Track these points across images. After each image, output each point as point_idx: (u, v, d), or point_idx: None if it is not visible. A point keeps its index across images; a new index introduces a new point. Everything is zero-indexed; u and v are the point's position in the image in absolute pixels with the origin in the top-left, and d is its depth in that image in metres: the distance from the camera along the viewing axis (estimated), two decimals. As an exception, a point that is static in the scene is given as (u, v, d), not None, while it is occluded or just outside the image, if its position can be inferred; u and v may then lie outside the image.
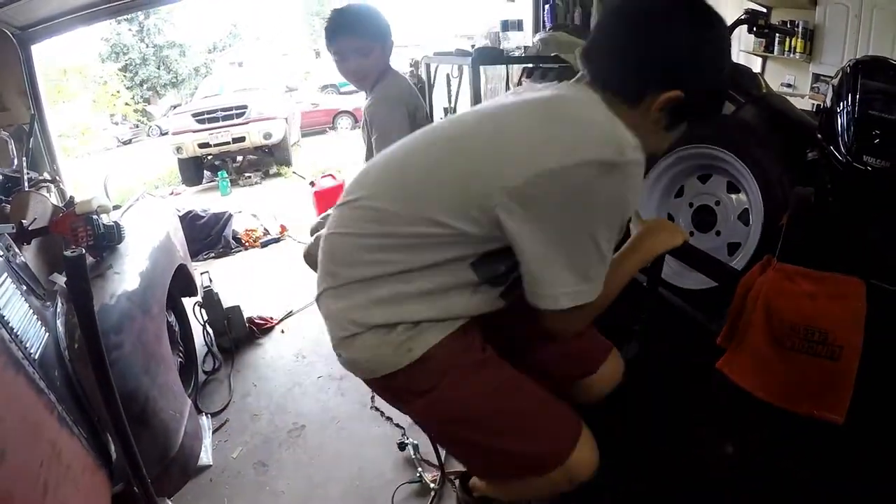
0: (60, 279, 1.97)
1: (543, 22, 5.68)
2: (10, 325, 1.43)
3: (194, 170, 8.74)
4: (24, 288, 1.68)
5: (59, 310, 1.83)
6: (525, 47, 2.31)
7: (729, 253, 1.50)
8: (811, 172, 1.42)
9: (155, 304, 2.25)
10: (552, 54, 2.00)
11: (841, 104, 1.42)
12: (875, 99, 1.36)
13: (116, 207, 2.74)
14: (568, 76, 1.95)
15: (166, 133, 18.32)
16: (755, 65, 5.01)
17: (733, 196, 1.54)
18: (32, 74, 4.84)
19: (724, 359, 0.98)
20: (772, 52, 4.80)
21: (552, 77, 1.98)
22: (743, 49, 4.87)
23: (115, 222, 2.20)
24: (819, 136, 1.46)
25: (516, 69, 2.28)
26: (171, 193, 8.51)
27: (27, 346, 1.46)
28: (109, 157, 13.04)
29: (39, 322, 1.64)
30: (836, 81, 1.49)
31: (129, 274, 2.14)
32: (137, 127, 18.83)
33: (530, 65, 2.14)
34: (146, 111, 19.95)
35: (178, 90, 25.87)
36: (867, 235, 1.16)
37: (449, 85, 3.78)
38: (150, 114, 21.03)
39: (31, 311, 1.63)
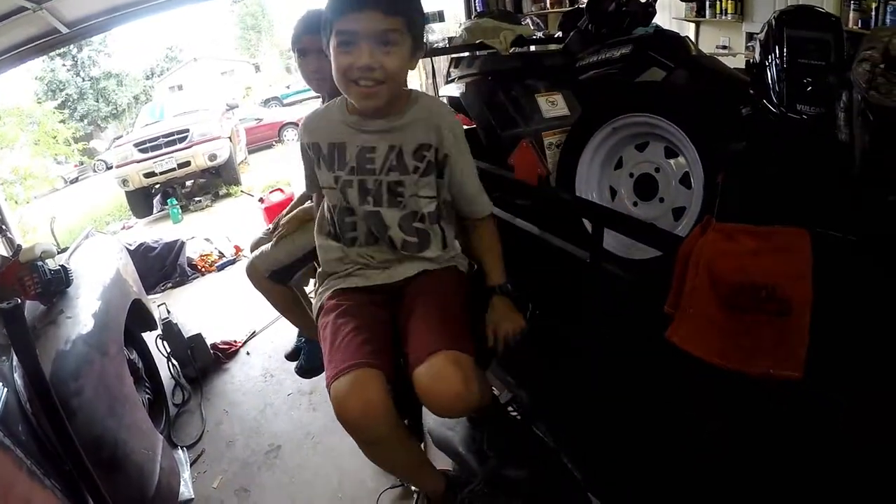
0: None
1: (475, 9, 5.69)
2: None
3: (143, 201, 8.50)
4: None
5: (15, 363, 1.76)
6: (450, 38, 2.28)
7: (675, 218, 1.50)
8: (747, 128, 1.42)
9: (112, 344, 2.18)
10: (477, 41, 1.97)
11: (770, 57, 1.42)
12: (802, 48, 1.37)
13: (63, 250, 2.65)
14: (496, 61, 1.93)
15: (112, 167, 17.94)
16: (689, 30, 5.09)
17: (672, 161, 1.53)
18: None
19: (671, 327, 0.95)
20: (704, 16, 4.88)
21: (479, 63, 1.94)
22: (675, 16, 4.94)
23: (62, 266, 2.13)
24: (751, 91, 1.46)
25: (443, 61, 2.24)
26: (123, 227, 8.26)
27: None
28: (57, 199, 12.73)
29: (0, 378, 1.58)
30: (762, 35, 1.49)
31: (82, 317, 2.08)
32: (82, 164, 18.31)
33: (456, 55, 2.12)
34: (88, 148, 19.42)
35: (120, 121, 25.42)
36: (806, 183, 1.15)
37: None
38: (94, 149, 20.45)
39: None
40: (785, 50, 1.40)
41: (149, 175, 8.09)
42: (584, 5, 2.14)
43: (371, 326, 1.24)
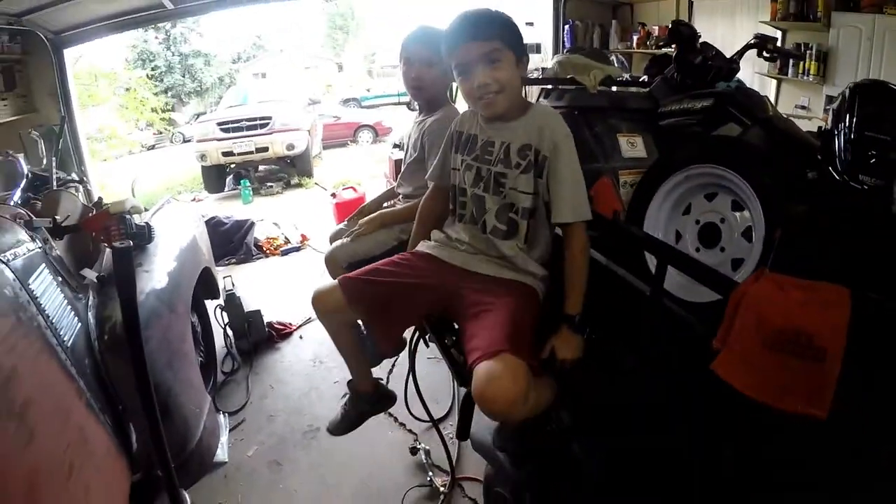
0: (91, 274, 2.06)
1: (563, 43, 5.82)
2: (45, 312, 1.54)
3: (217, 177, 8.93)
4: (60, 279, 1.79)
5: (90, 302, 1.93)
6: (543, 69, 2.41)
7: (733, 268, 1.56)
8: (810, 191, 1.50)
9: (181, 304, 2.34)
10: (568, 76, 2.09)
11: (840, 126, 1.50)
12: (871, 121, 1.44)
13: (145, 210, 2.84)
14: (583, 97, 2.05)
15: (189, 140, 18.65)
16: (770, 87, 5.05)
17: (737, 214, 1.60)
18: (64, 77, 5.06)
19: (717, 360, 1.05)
20: (786, 74, 4.82)
21: (568, 98, 2.08)
22: (757, 71, 4.91)
23: (147, 223, 2.29)
24: (819, 156, 1.54)
25: (535, 90, 2.37)
26: (194, 200, 8.65)
27: (61, 333, 1.56)
28: (134, 162, 13.29)
29: (73, 312, 1.74)
30: (836, 105, 1.57)
31: (157, 273, 2.23)
32: (161, 133, 19.21)
33: (548, 86, 2.25)
34: (171, 118, 20.33)
35: (203, 99, 26.32)
36: (856, 249, 1.23)
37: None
38: (174, 121, 21.44)
39: (66, 301, 1.73)
40: (855, 121, 1.47)
41: (227, 154, 8.50)
42: (670, 51, 2.24)
43: (404, 287, 1.54)
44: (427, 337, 1.79)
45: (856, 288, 0.96)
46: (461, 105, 1.85)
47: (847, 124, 1.49)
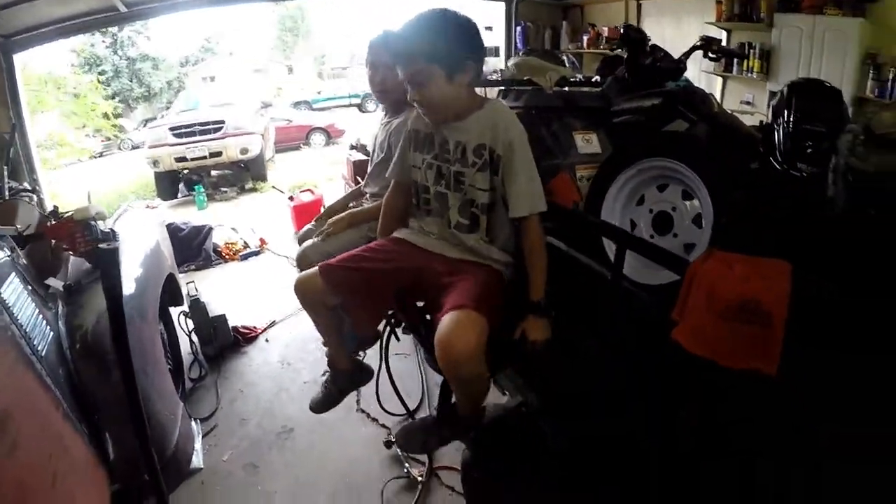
0: (56, 283, 2.04)
1: (516, 44, 5.96)
2: (19, 321, 1.53)
3: (170, 184, 8.73)
4: (30, 288, 1.78)
5: (60, 311, 1.92)
6: (500, 70, 2.52)
7: (685, 252, 1.69)
8: (753, 180, 1.65)
9: (150, 310, 2.33)
10: (525, 77, 2.19)
11: (779, 120, 1.67)
12: (807, 115, 1.62)
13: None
14: (540, 97, 2.16)
15: (138, 147, 18.09)
16: (717, 83, 5.30)
17: (687, 203, 1.73)
18: (14, 83, 4.81)
19: (676, 330, 1.19)
20: (731, 72, 5.08)
21: (525, 98, 2.18)
22: (704, 70, 5.15)
23: (111, 229, 2.27)
24: (761, 148, 1.69)
25: (494, 91, 2.47)
26: (147, 207, 8.41)
27: (35, 343, 1.55)
28: (83, 169, 12.83)
29: (44, 321, 1.72)
30: (775, 101, 1.73)
31: (125, 279, 2.19)
32: (109, 140, 18.59)
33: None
34: (119, 124, 19.69)
35: (151, 104, 25.55)
36: (790, 231, 1.37)
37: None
38: (123, 127, 20.77)
39: (37, 310, 1.72)
40: (792, 115, 1.66)
41: (180, 160, 8.36)
42: (621, 52, 2.36)
43: (378, 269, 1.63)
44: (398, 330, 1.86)
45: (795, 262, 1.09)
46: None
47: (785, 118, 1.67)
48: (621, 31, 2.26)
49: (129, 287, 2.18)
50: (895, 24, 3.91)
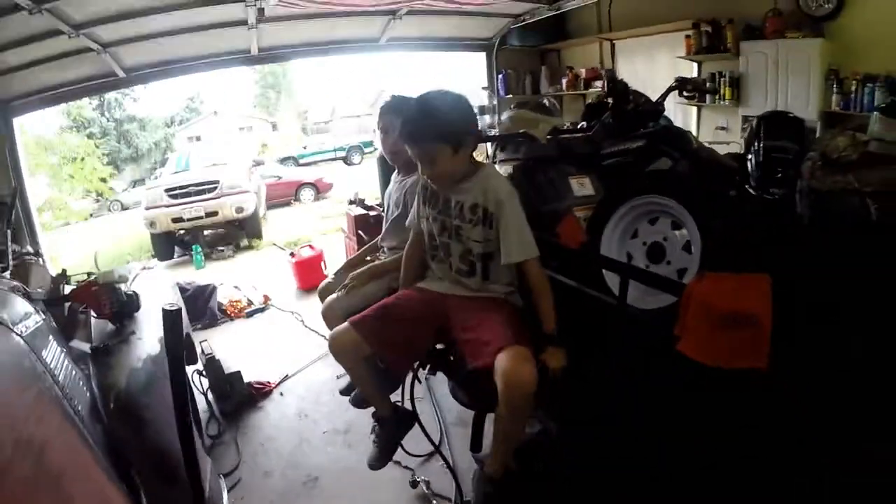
0: (82, 345, 2.12)
1: (497, 91, 6.27)
2: (60, 383, 1.59)
3: (167, 244, 8.82)
4: (64, 351, 1.86)
5: (91, 372, 2.00)
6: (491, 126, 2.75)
7: (678, 277, 1.85)
8: (731, 206, 1.86)
9: None
10: (520, 131, 2.40)
11: (751, 150, 1.92)
12: (774, 145, 1.86)
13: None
14: (535, 148, 2.36)
15: (128, 208, 18.18)
16: (692, 113, 5.53)
17: (677, 232, 1.92)
18: (14, 147, 4.94)
19: (680, 343, 1.39)
20: (704, 101, 5.27)
21: (523, 150, 2.39)
22: (679, 101, 5.35)
23: (134, 292, 2.34)
24: (737, 177, 1.91)
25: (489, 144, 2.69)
26: (143, 268, 8.44)
27: (76, 404, 1.60)
28: (76, 232, 12.87)
29: (80, 382, 1.81)
30: (746, 134, 1.97)
31: (149, 340, 2.26)
32: (98, 202, 18.69)
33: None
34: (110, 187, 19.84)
35: (139, 164, 25.77)
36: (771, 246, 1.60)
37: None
38: (113, 188, 20.92)
39: (74, 372, 1.80)
40: (762, 146, 1.93)
41: (177, 220, 8.48)
42: (606, 100, 2.59)
43: (405, 316, 1.83)
44: (419, 375, 2.00)
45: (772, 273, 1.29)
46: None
47: (756, 149, 1.91)
48: (606, 83, 2.50)
49: (154, 346, 2.23)
50: (853, 41, 4.14)
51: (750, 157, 2.01)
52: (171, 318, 1.52)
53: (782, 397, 1.32)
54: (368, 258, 2.52)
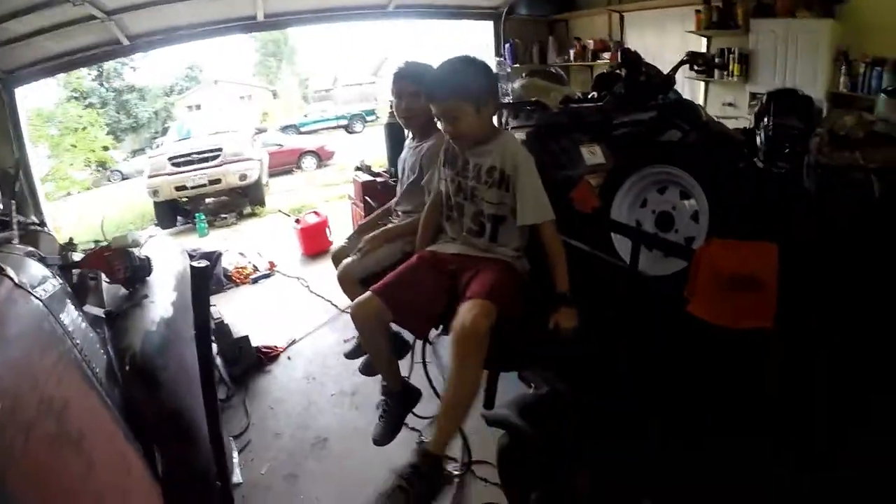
0: (95, 310, 2.16)
1: (505, 59, 6.23)
2: (78, 345, 1.63)
3: (169, 213, 8.84)
4: (81, 314, 1.89)
5: (107, 335, 2.04)
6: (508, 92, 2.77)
7: (686, 245, 1.91)
8: (740, 178, 1.90)
9: (186, 331, 2.43)
10: (533, 98, 2.42)
11: (760, 125, 1.96)
12: (783, 120, 1.89)
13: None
14: (547, 116, 2.38)
15: (128, 178, 18.09)
16: (699, 88, 5.53)
17: (685, 202, 1.97)
18: (16, 118, 4.93)
19: (691, 304, 1.46)
20: (713, 77, 5.29)
21: (536, 118, 2.41)
22: (687, 76, 5.35)
23: (147, 256, 2.30)
24: (746, 150, 1.94)
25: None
26: (150, 236, 8.44)
27: (93, 366, 1.63)
28: (77, 202, 12.85)
29: (97, 345, 1.84)
30: (756, 109, 1.99)
31: (162, 303, 2.24)
32: (99, 172, 18.61)
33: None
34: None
35: (138, 135, 25.48)
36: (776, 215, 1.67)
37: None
38: (113, 158, 20.79)
39: (91, 335, 1.84)
40: (771, 121, 1.97)
41: (180, 188, 8.50)
42: (618, 71, 2.60)
43: (422, 280, 1.87)
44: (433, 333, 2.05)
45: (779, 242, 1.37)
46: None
47: (765, 123, 1.95)
48: (619, 54, 2.50)
49: (167, 310, 2.23)
50: (862, 23, 4.14)
51: (759, 131, 2.04)
52: (199, 276, 1.55)
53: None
54: (380, 222, 2.55)
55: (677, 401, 1.56)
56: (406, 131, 2.51)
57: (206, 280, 1.61)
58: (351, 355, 2.67)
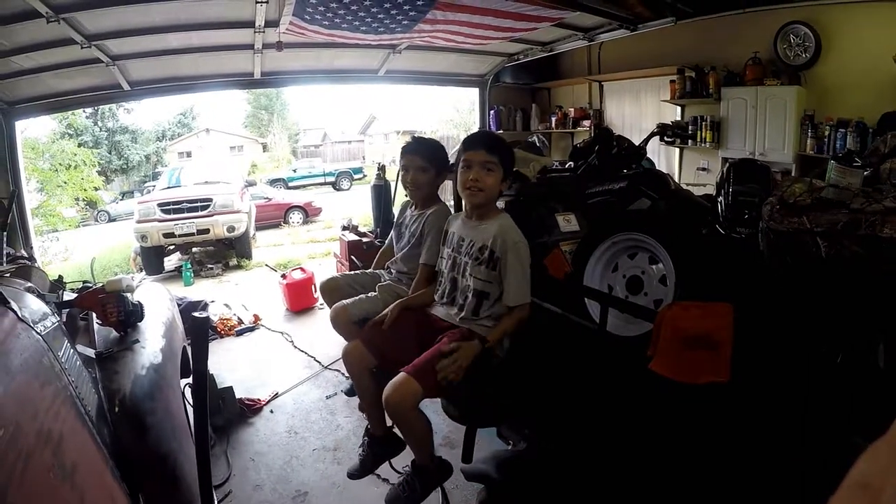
0: (86, 350, 2.20)
1: (489, 126, 6.50)
2: (73, 383, 1.65)
3: (156, 259, 8.79)
4: (75, 353, 1.94)
5: (98, 376, 2.08)
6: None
7: (655, 307, 2.04)
8: (704, 244, 2.06)
9: (174, 378, 2.44)
10: (513, 169, 2.61)
11: (721, 193, 2.12)
12: (741, 189, 2.09)
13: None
14: (526, 186, 2.57)
15: (115, 220, 17.99)
16: (674, 154, 5.74)
17: (654, 266, 2.13)
18: (14, 150, 4.97)
19: (653, 362, 1.60)
20: (687, 143, 5.53)
21: (515, 188, 2.61)
22: (663, 143, 5.60)
23: (139, 302, 2.38)
24: (709, 217, 2.12)
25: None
26: (142, 280, 8.43)
27: (86, 404, 1.64)
28: (63, 240, 12.72)
29: (89, 385, 1.87)
30: (718, 178, 2.19)
31: (151, 349, 2.29)
32: (87, 211, 18.47)
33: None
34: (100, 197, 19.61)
35: (128, 176, 25.50)
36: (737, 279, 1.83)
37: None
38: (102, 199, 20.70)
39: (84, 374, 1.87)
40: (731, 190, 2.15)
41: (168, 235, 8.46)
42: (589, 138, 2.81)
43: (403, 331, 2.05)
44: None
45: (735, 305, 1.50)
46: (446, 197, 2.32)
47: (726, 192, 2.12)
48: (593, 128, 2.72)
49: (156, 356, 2.27)
50: (826, 87, 4.46)
51: (720, 199, 2.23)
52: (198, 327, 1.63)
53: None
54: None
55: (646, 457, 1.66)
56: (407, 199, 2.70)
57: (205, 330, 1.67)
58: (350, 393, 2.96)
